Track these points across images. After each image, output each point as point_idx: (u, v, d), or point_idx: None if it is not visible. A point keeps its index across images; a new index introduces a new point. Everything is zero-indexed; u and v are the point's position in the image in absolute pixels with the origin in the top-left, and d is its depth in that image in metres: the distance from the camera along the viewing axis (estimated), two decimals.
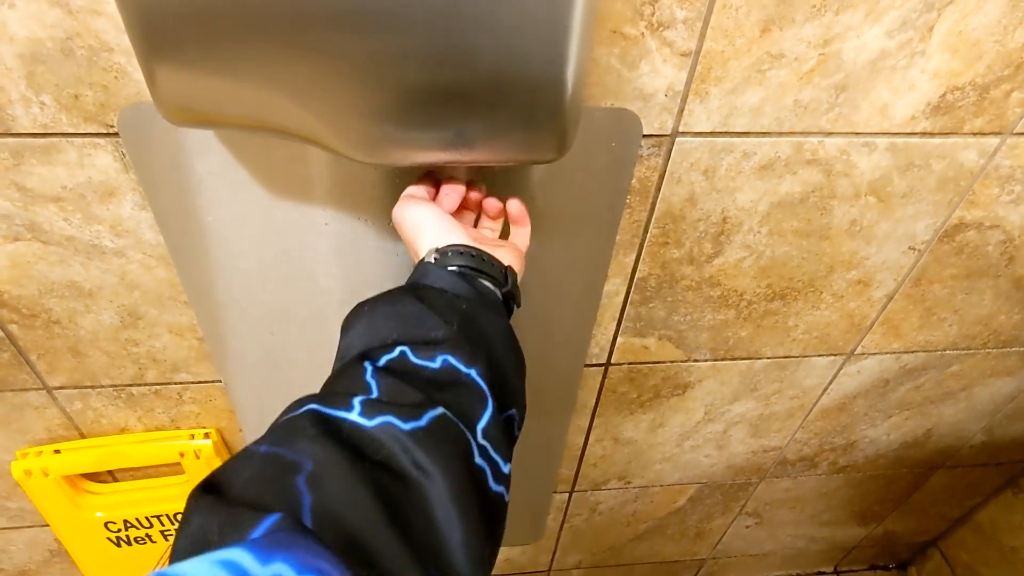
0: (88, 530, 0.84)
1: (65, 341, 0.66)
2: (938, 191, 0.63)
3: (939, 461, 1.12)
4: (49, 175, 0.52)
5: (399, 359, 0.35)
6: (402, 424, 0.30)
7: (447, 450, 0.31)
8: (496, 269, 0.44)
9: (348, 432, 0.30)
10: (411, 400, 0.32)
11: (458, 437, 0.32)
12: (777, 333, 0.78)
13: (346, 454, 0.28)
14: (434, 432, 0.31)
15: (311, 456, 0.28)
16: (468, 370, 0.35)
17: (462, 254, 0.43)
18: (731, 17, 0.48)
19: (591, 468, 0.98)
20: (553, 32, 0.38)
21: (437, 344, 0.36)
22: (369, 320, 0.39)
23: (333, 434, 0.29)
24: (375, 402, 0.31)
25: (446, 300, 0.39)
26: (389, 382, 0.33)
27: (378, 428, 0.30)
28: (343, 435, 0.29)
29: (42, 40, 0.44)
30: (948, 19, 0.50)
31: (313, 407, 0.31)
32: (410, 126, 0.41)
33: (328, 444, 0.28)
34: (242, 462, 0.28)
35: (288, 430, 0.29)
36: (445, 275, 0.41)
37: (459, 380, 0.35)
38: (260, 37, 0.37)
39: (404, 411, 0.31)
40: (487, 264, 0.43)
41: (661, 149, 0.56)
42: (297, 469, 0.27)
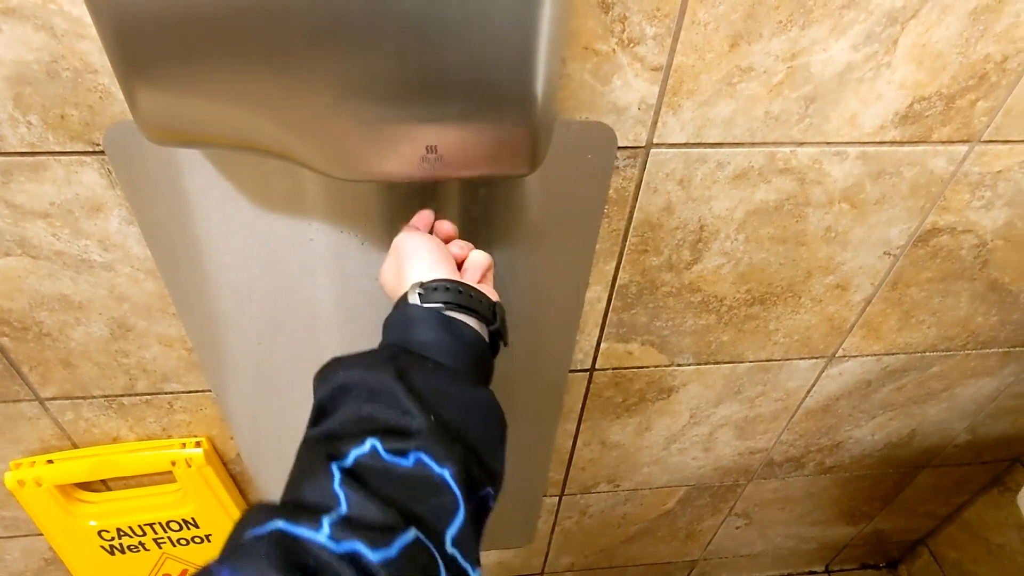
0: (82, 539, 0.85)
1: (56, 353, 0.67)
2: (910, 197, 0.64)
3: (925, 460, 1.13)
4: (37, 192, 0.53)
5: (370, 456, 0.33)
6: (371, 554, 0.28)
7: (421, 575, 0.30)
8: (484, 306, 0.44)
9: (314, 560, 0.28)
10: (381, 521, 0.30)
11: (428, 565, 0.31)
12: (759, 337, 0.79)
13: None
14: (403, 563, 0.29)
15: None
16: (441, 470, 0.34)
17: (448, 290, 0.42)
18: (700, 32, 0.49)
19: (580, 472, 0.99)
20: (521, 48, 0.39)
21: (410, 437, 0.34)
22: (343, 388, 0.37)
23: (297, 566, 0.27)
24: (344, 523, 0.29)
25: (426, 374, 0.37)
26: (358, 497, 0.31)
27: (346, 555, 0.28)
28: (308, 564, 0.27)
29: (28, 62, 0.46)
30: (912, 32, 0.52)
31: (280, 527, 0.29)
32: (383, 142, 0.42)
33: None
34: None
35: (249, 554, 0.27)
36: (429, 326, 0.40)
37: (431, 482, 0.33)
38: (237, 56, 0.38)
39: (374, 537, 0.29)
40: (475, 301, 0.43)
41: (636, 160, 0.57)
42: None
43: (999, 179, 0.64)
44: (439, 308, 0.42)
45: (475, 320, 0.43)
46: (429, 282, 0.43)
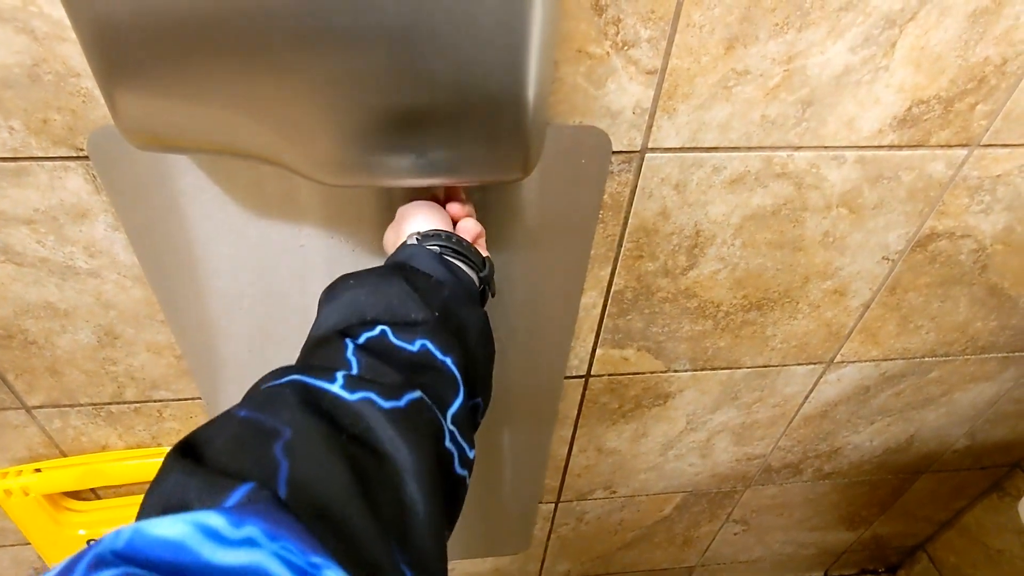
0: (71, 548, 0.83)
1: (42, 361, 0.66)
2: (908, 202, 0.64)
3: (923, 465, 1.12)
4: (20, 198, 0.52)
5: (379, 338, 0.36)
6: (382, 402, 0.31)
7: (422, 432, 0.32)
8: (475, 254, 0.46)
9: (329, 404, 0.30)
10: (391, 380, 0.33)
11: (432, 421, 0.33)
12: (756, 343, 0.78)
13: (324, 426, 0.29)
14: (411, 414, 0.31)
15: (291, 425, 0.28)
16: (444, 357, 0.36)
17: (442, 238, 0.44)
18: (695, 36, 0.49)
19: (576, 478, 0.98)
20: (511, 52, 0.38)
21: (417, 327, 0.36)
22: (354, 294, 0.39)
23: (313, 405, 0.30)
24: (357, 378, 0.32)
25: (430, 285, 0.40)
26: (370, 361, 0.33)
27: (359, 402, 0.30)
28: (324, 406, 0.30)
29: (9, 66, 0.45)
30: (910, 35, 0.51)
31: (297, 377, 0.31)
32: (372, 148, 0.41)
33: (308, 414, 0.29)
34: (221, 426, 0.28)
35: (270, 397, 0.30)
36: (429, 259, 0.42)
37: (435, 366, 0.36)
38: (220, 60, 0.37)
39: (384, 390, 0.31)
40: (466, 248, 0.45)
41: (631, 165, 0.56)
42: (276, 437, 0.28)
43: (998, 183, 0.63)
44: (435, 251, 0.43)
45: (467, 266, 0.45)
46: (426, 231, 0.44)
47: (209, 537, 0.21)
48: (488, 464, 0.88)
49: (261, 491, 0.24)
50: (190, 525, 0.21)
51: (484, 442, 0.84)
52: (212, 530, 0.21)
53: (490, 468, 0.89)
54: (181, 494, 0.24)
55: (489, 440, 0.84)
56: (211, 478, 0.25)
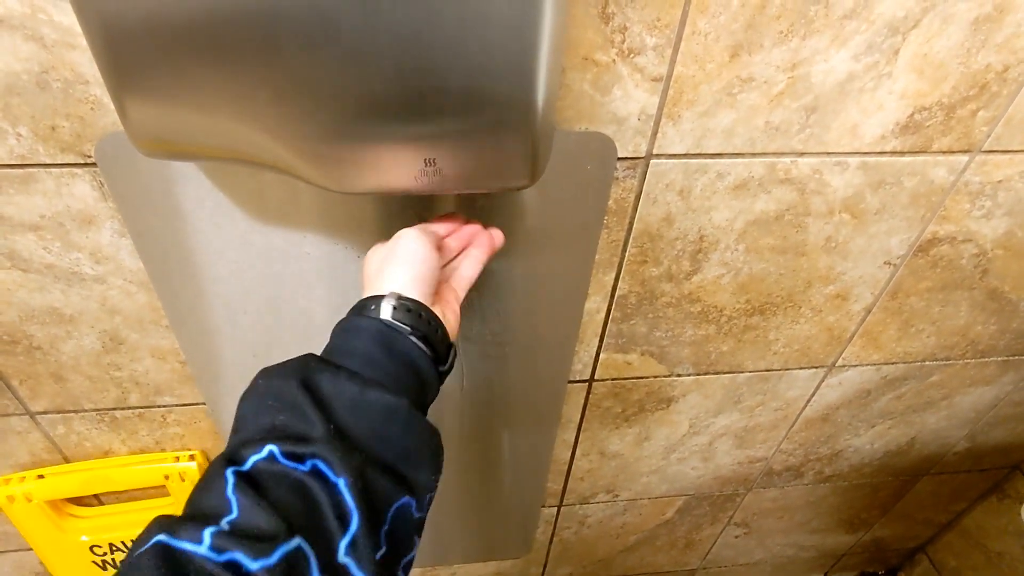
0: (73, 554, 0.83)
1: (47, 366, 0.66)
2: (911, 207, 0.64)
3: (924, 468, 1.13)
4: (27, 204, 0.52)
5: (267, 460, 0.33)
6: (250, 563, 0.29)
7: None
8: (444, 346, 0.43)
9: (196, 570, 0.28)
10: (267, 528, 0.30)
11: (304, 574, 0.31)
12: (758, 347, 0.78)
13: None
14: (283, 570, 0.29)
15: None
16: (337, 479, 0.34)
17: (421, 316, 0.41)
18: (700, 43, 0.49)
19: (578, 482, 0.98)
20: (520, 59, 0.38)
21: (309, 443, 0.34)
22: (255, 399, 0.37)
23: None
24: (227, 534, 0.30)
25: (337, 383, 0.37)
26: (249, 502, 0.31)
27: (225, 565, 0.29)
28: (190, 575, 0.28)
29: (17, 73, 0.45)
30: (913, 42, 0.51)
31: (162, 540, 0.29)
32: (380, 155, 0.41)
33: None
34: None
35: (133, 570, 0.28)
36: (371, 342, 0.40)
37: (322, 493, 0.33)
38: (229, 67, 0.37)
39: (255, 547, 0.29)
40: (438, 339, 0.42)
41: (636, 171, 0.57)
42: None
43: (999, 189, 0.64)
44: (405, 331, 0.41)
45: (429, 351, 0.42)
46: (407, 299, 0.42)
47: None
48: (490, 468, 0.88)
49: None
50: None
51: (487, 445, 0.84)
52: None
53: (492, 472, 0.89)
54: None
55: (491, 444, 0.84)
56: None
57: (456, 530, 1.00)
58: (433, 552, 1.05)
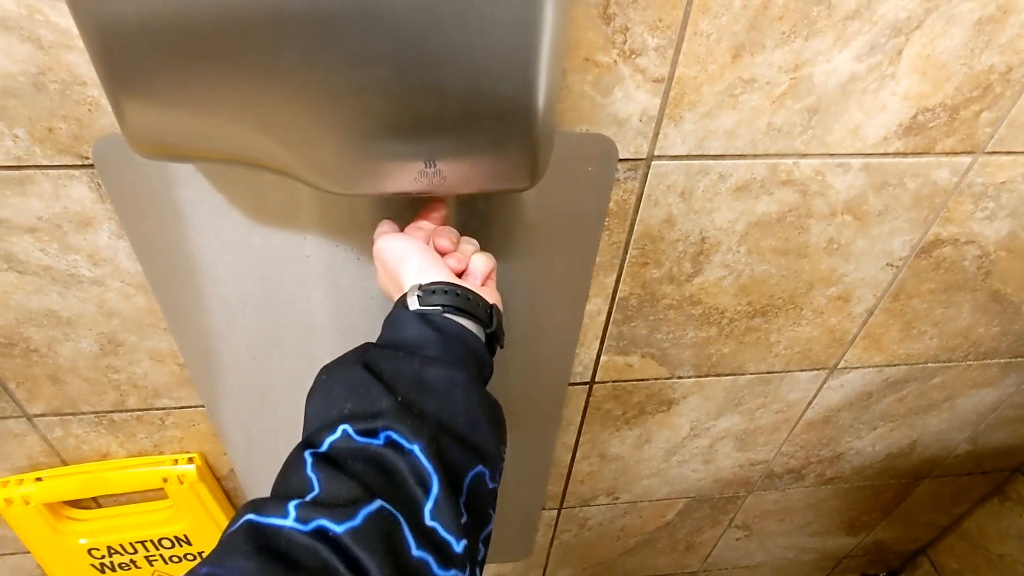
0: (71, 557, 0.83)
1: (44, 369, 0.66)
2: (913, 209, 0.64)
3: (925, 471, 1.12)
4: (24, 206, 0.52)
5: (342, 439, 0.34)
6: (336, 527, 0.30)
7: (382, 548, 0.30)
8: (481, 309, 0.43)
9: (285, 542, 0.29)
10: (347, 495, 0.31)
11: (392, 533, 0.32)
12: (760, 349, 0.78)
13: (279, 569, 0.28)
14: (368, 531, 0.30)
15: (243, 574, 0.27)
16: (411, 446, 0.34)
17: (446, 292, 0.42)
18: (702, 44, 0.49)
19: (579, 484, 0.97)
20: (521, 60, 0.38)
21: (379, 417, 0.35)
22: (323, 391, 0.38)
23: (268, 549, 0.29)
24: (310, 505, 0.31)
25: (396, 361, 0.38)
26: (328, 475, 0.32)
27: (313, 534, 0.30)
28: (280, 547, 0.29)
29: (14, 74, 0.44)
30: (916, 43, 0.51)
31: (249, 519, 0.30)
32: (380, 156, 0.41)
33: (262, 560, 0.28)
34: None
35: (225, 547, 0.29)
36: (414, 324, 0.40)
37: (402, 459, 0.34)
38: (228, 69, 0.37)
39: (338, 512, 0.30)
40: (472, 304, 0.42)
41: (637, 172, 0.56)
42: None
43: (1002, 190, 0.64)
44: (437, 311, 0.41)
45: (471, 322, 0.43)
46: (427, 284, 0.42)
47: None
48: None
49: None
50: None
51: None
52: None
53: None
54: None
55: None
56: None
57: None
58: None
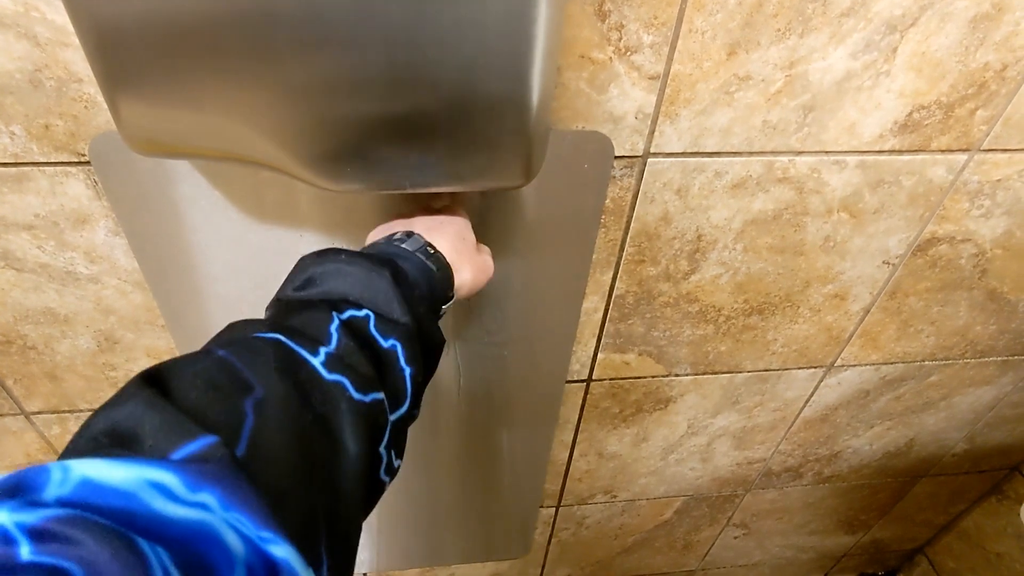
0: None
1: (41, 366, 0.66)
2: (909, 207, 0.64)
3: (923, 469, 1.12)
4: (21, 203, 0.52)
5: (362, 322, 0.36)
6: (353, 392, 0.31)
7: (373, 433, 0.32)
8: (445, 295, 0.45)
9: (307, 375, 0.30)
10: (365, 372, 0.33)
11: (382, 424, 0.34)
12: (756, 347, 0.78)
13: (296, 397, 0.29)
14: (371, 413, 0.32)
15: (266, 385, 0.28)
16: (406, 367, 0.36)
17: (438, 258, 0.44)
18: (697, 41, 0.49)
19: (576, 483, 0.98)
20: (515, 57, 0.38)
21: (396, 327, 0.37)
22: (345, 271, 0.39)
23: (291, 372, 0.30)
24: (336, 358, 0.32)
25: (413, 294, 0.40)
26: (349, 343, 0.33)
27: (333, 384, 0.31)
28: (301, 376, 0.30)
29: (10, 72, 0.44)
30: (911, 41, 0.51)
31: (282, 338, 0.31)
32: (374, 154, 0.41)
33: (284, 379, 0.29)
34: (195, 360, 0.28)
35: (252, 348, 0.30)
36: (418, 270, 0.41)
37: (396, 370, 0.36)
38: (222, 66, 0.37)
39: (358, 381, 0.32)
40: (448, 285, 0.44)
41: (633, 170, 0.56)
42: (248, 391, 0.27)
43: (998, 188, 0.64)
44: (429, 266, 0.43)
45: None
46: (427, 242, 0.44)
47: (161, 493, 0.21)
48: (488, 468, 0.88)
49: (221, 449, 0.24)
50: (141, 480, 0.21)
51: (484, 446, 0.84)
52: (165, 488, 0.21)
53: (490, 472, 0.89)
54: (134, 426, 0.24)
55: (490, 444, 0.84)
56: (171, 418, 0.24)
57: (454, 530, 0.99)
58: (431, 552, 1.05)
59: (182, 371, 0.27)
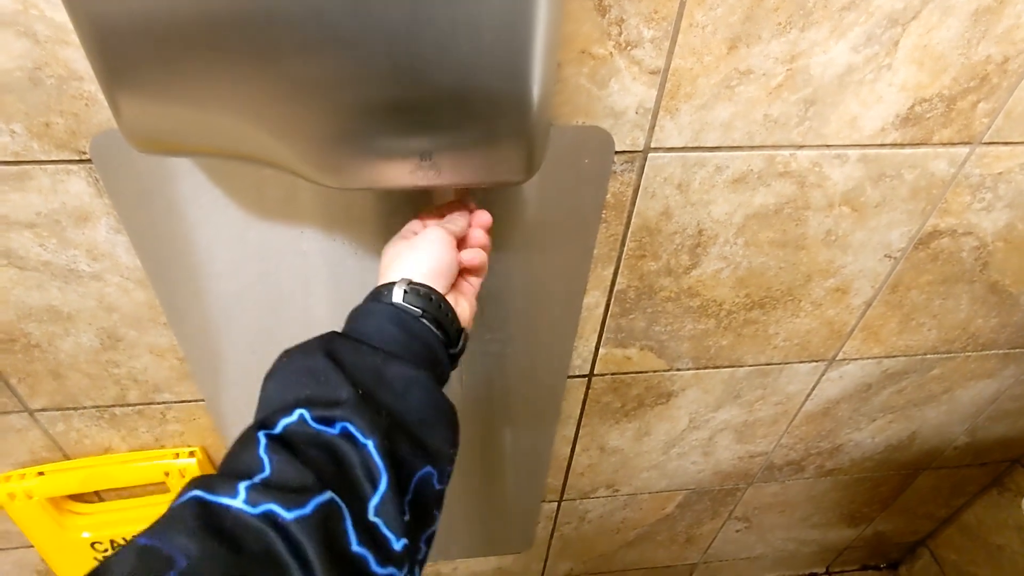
0: (75, 551, 0.83)
1: (45, 364, 0.66)
2: (911, 200, 0.64)
3: (924, 462, 1.12)
4: (22, 202, 0.52)
5: (297, 424, 0.34)
6: (285, 513, 0.29)
7: (328, 539, 0.30)
8: (454, 329, 0.44)
9: (232, 522, 0.29)
10: (300, 482, 0.31)
11: (334, 526, 0.31)
12: (758, 341, 0.78)
13: (223, 551, 0.27)
14: (317, 521, 0.30)
15: (186, 553, 0.27)
16: (366, 440, 0.34)
17: (431, 300, 0.42)
18: (698, 35, 0.49)
19: (578, 477, 0.98)
20: (515, 53, 0.38)
21: (337, 406, 0.35)
22: (282, 375, 0.38)
23: (213, 528, 0.28)
24: (261, 487, 0.30)
25: (359, 354, 0.38)
26: (281, 459, 0.32)
27: (261, 517, 0.29)
28: (226, 526, 0.29)
29: (10, 70, 0.44)
30: (913, 34, 0.51)
31: (197, 495, 0.30)
32: (375, 150, 0.41)
33: (206, 539, 0.27)
34: (122, 555, 0.27)
35: (170, 520, 0.29)
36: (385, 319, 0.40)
37: (355, 452, 0.34)
38: (222, 63, 0.37)
39: (289, 498, 0.30)
40: (448, 321, 0.43)
41: (634, 165, 0.56)
42: (170, 565, 0.26)
43: (1000, 181, 0.64)
44: (416, 313, 0.41)
45: (441, 334, 0.43)
46: (418, 283, 0.43)
47: None
48: (491, 464, 0.88)
49: None
50: None
51: (487, 441, 0.84)
52: None
53: (493, 467, 0.89)
54: None
55: (492, 440, 0.84)
56: None
57: (457, 525, 1.00)
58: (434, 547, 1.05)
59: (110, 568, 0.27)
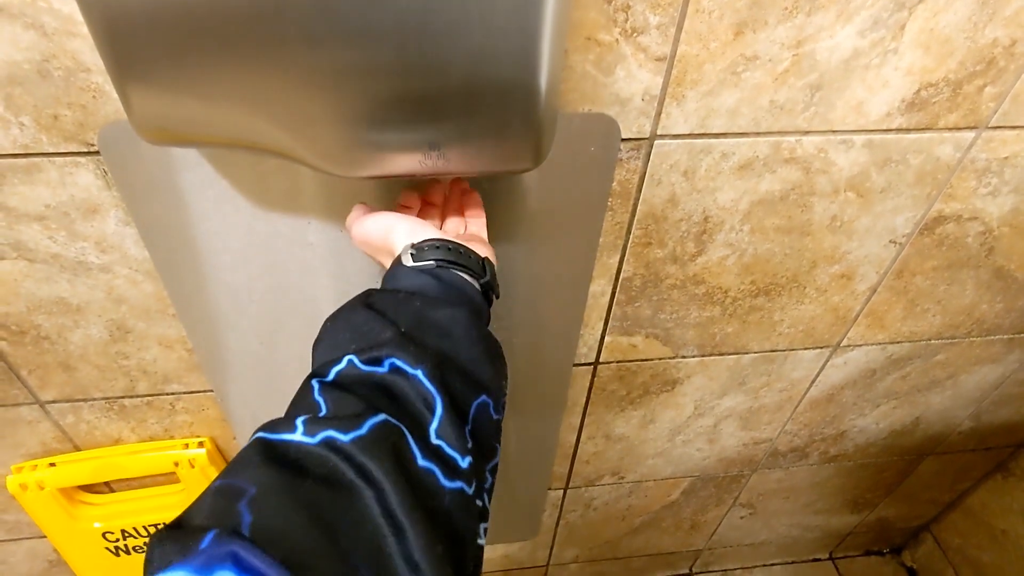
0: (86, 541, 0.84)
1: (55, 356, 0.66)
2: (916, 185, 0.64)
3: (928, 448, 1.13)
4: (31, 194, 0.52)
5: (347, 369, 0.36)
6: (342, 436, 0.31)
7: (390, 455, 0.32)
8: (474, 261, 0.44)
9: (295, 452, 0.31)
10: (352, 410, 0.33)
11: (398, 443, 0.33)
12: (763, 328, 0.78)
13: (287, 477, 0.29)
14: (375, 439, 0.32)
15: (254, 482, 0.29)
16: (414, 371, 0.36)
17: (438, 248, 0.43)
18: (704, 21, 0.49)
19: (584, 465, 0.98)
20: (524, 41, 0.38)
21: (383, 346, 0.36)
22: (329, 335, 0.40)
23: (277, 459, 0.30)
24: (317, 419, 0.32)
25: (397, 301, 0.40)
26: (335, 396, 0.34)
27: (321, 444, 0.31)
28: (288, 457, 0.31)
29: (18, 62, 0.45)
30: (919, 17, 0.51)
31: (259, 436, 0.32)
32: (383, 139, 0.41)
33: (270, 469, 0.29)
34: (201, 499, 0.29)
35: (238, 462, 0.31)
36: (412, 274, 0.42)
37: (407, 383, 0.35)
38: (232, 53, 0.37)
39: (343, 423, 0.32)
40: (464, 256, 0.44)
41: (640, 152, 0.56)
42: (241, 495, 0.28)
43: (1006, 165, 0.63)
44: (431, 266, 0.42)
45: (466, 274, 0.44)
46: (420, 242, 0.44)
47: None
48: None
49: (224, 534, 0.25)
50: None
51: None
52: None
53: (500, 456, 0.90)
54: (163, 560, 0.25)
55: None
56: (182, 536, 0.26)
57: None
58: None
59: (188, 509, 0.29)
